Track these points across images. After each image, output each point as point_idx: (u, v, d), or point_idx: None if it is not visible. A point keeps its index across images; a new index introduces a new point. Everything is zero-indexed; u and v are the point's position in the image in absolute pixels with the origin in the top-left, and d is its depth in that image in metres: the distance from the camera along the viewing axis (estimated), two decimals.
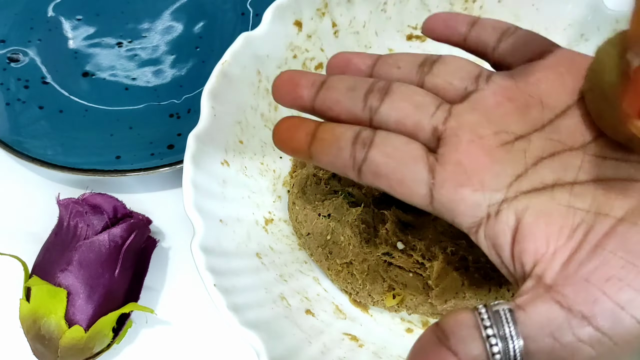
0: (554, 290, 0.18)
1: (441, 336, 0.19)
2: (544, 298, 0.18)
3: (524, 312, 0.18)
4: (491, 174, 0.21)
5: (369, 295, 0.33)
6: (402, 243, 0.32)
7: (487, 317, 0.18)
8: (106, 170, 0.38)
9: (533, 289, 0.19)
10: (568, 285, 0.18)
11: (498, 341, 0.18)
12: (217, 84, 0.33)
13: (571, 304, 0.18)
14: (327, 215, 0.34)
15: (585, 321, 0.18)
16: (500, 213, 0.21)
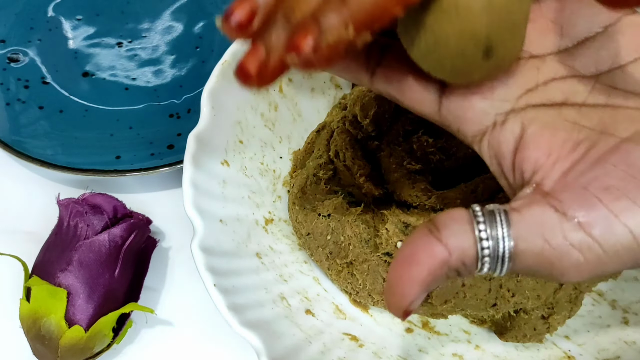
0: (551, 196, 0.19)
1: (433, 229, 0.19)
2: (540, 202, 0.19)
3: (519, 214, 0.18)
4: (502, 84, 0.21)
5: (369, 295, 0.33)
6: (402, 243, 0.32)
7: (481, 215, 0.19)
8: (106, 170, 0.38)
9: (530, 194, 0.19)
10: (566, 192, 0.18)
11: (489, 238, 0.18)
12: (217, 84, 0.33)
13: (566, 208, 0.18)
14: (327, 215, 0.34)
15: (578, 226, 0.18)
16: (506, 122, 0.21)
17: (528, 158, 0.20)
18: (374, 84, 0.23)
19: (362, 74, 0.23)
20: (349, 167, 0.33)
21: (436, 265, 0.19)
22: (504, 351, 0.33)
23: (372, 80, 0.23)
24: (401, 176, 0.33)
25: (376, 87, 0.23)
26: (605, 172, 0.18)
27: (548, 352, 0.32)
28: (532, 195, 0.19)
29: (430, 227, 0.19)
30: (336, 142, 0.34)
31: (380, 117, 0.33)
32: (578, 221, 0.18)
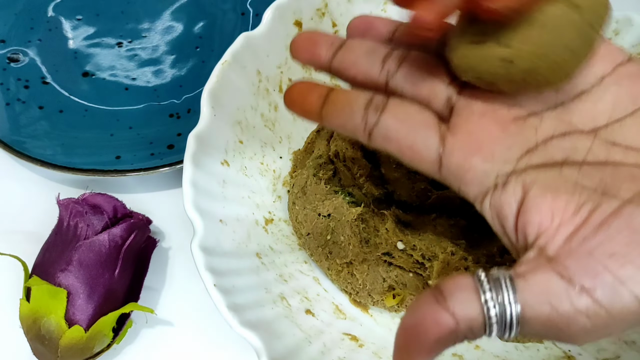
0: (556, 261, 0.19)
1: (439, 297, 0.19)
2: (545, 268, 0.19)
3: (524, 280, 0.19)
4: (502, 145, 0.21)
5: (369, 295, 0.33)
6: (402, 243, 0.32)
7: (487, 282, 0.19)
8: (106, 170, 0.38)
9: (534, 259, 0.19)
10: (570, 258, 0.19)
11: (496, 305, 0.18)
12: (217, 84, 0.33)
13: (572, 275, 0.18)
14: (327, 215, 0.34)
15: (585, 293, 0.18)
16: (507, 184, 0.21)
17: (531, 222, 0.20)
18: (371, 143, 0.23)
19: (359, 134, 0.23)
20: (349, 167, 0.33)
21: (444, 334, 0.19)
22: (504, 351, 0.33)
23: (370, 140, 0.23)
24: (401, 176, 0.33)
25: (374, 145, 0.23)
26: (609, 238, 0.18)
27: (548, 352, 0.32)
28: (536, 260, 0.19)
29: (436, 294, 0.19)
30: (336, 142, 0.34)
31: None
32: (585, 288, 0.18)
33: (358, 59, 0.25)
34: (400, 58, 0.24)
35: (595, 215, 0.19)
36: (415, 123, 0.22)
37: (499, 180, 0.21)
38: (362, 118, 0.23)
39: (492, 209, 0.21)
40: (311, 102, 0.24)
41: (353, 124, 0.23)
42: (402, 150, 0.22)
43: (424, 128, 0.22)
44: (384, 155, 0.33)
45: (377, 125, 0.23)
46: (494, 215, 0.21)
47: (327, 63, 0.25)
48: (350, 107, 0.23)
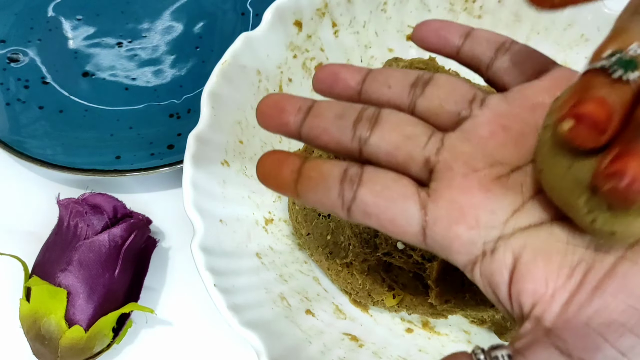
0: (554, 334, 0.18)
1: None
2: (544, 343, 0.18)
3: (524, 358, 0.18)
4: (486, 210, 0.20)
5: (369, 295, 0.33)
6: (402, 243, 0.32)
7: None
8: (106, 170, 0.38)
9: (532, 332, 0.19)
10: (568, 330, 0.18)
11: None
12: (217, 84, 0.33)
13: (571, 349, 0.18)
14: (327, 215, 0.34)
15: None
16: (496, 251, 0.20)
17: (525, 291, 0.19)
18: (351, 218, 0.22)
19: (338, 211, 0.22)
20: None
21: None
22: None
23: (349, 216, 0.22)
24: None
25: (354, 220, 0.22)
26: (605, 305, 0.18)
27: None
28: (534, 332, 0.19)
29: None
30: None
31: None
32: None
33: (328, 126, 0.23)
34: (371, 120, 0.22)
35: (589, 277, 0.19)
36: (393, 195, 0.21)
37: (487, 247, 0.20)
38: (339, 194, 0.21)
39: (483, 278, 0.20)
40: (284, 177, 0.22)
41: (330, 202, 0.22)
42: (383, 225, 0.21)
43: (402, 200, 0.21)
44: None
45: (355, 201, 0.21)
46: (485, 284, 0.21)
47: (296, 131, 0.24)
48: (325, 182, 0.22)
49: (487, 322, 0.34)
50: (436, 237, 0.21)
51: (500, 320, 0.33)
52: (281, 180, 0.22)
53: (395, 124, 0.22)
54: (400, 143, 0.22)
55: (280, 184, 0.22)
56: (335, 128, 0.23)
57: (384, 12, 0.40)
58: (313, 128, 0.23)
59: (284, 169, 0.22)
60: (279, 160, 0.23)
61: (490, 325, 0.34)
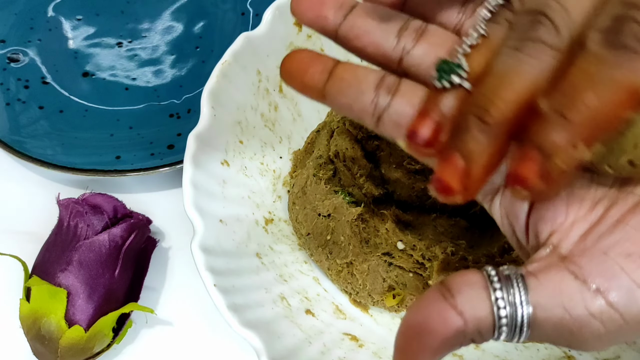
0: (570, 260, 0.18)
1: (446, 294, 0.18)
2: (558, 267, 0.18)
3: (536, 279, 0.18)
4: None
5: (369, 295, 0.33)
6: (402, 243, 0.32)
7: (497, 280, 0.17)
8: (106, 170, 0.38)
9: (547, 257, 0.18)
10: (585, 257, 0.18)
11: (507, 305, 0.17)
12: (217, 84, 0.33)
13: (587, 276, 0.17)
14: (327, 215, 0.34)
15: (599, 295, 0.17)
16: None
17: (544, 218, 0.19)
18: (379, 128, 0.21)
19: (366, 117, 0.21)
20: (349, 167, 0.33)
21: (450, 334, 0.17)
22: (504, 351, 0.33)
23: (378, 125, 0.21)
24: (401, 176, 0.33)
25: (381, 131, 0.21)
26: (626, 237, 0.18)
27: (548, 352, 0.32)
28: (549, 258, 0.18)
29: (443, 291, 0.18)
30: (336, 142, 0.34)
31: None
32: (599, 290, 0.17)
33: (371, 28, 0.22)
34: (417, 32, 0.21)
35: (611, 212, 0.18)
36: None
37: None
38: (372, 100, 0.21)
39: (502, 208, 0.20)
40: (313, 76, 0.21)
41: (361, 106, 0.21)
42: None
43: None
44: (384, 155, 0.33)
45: (388, 110, 0.21)
46: (503, 214, 0.20)
47: (334, 27, 0.22)
48: (359, 85, 0.21)
49: None
50: None
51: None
52: (309, 79, 0.21)
53: (443, 40, 0.21)
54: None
55: (307, 84, 0.21)
56: (378, 31, 0.22)
57: None
58: (354, 27, 0.22)
59: (314, 67, 0.21)
60: (310, 58, 0.21)
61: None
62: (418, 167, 0.32)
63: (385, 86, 0.21)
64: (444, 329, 0.17)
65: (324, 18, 0.22)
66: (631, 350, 0.32)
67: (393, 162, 0.33)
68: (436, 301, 0.18)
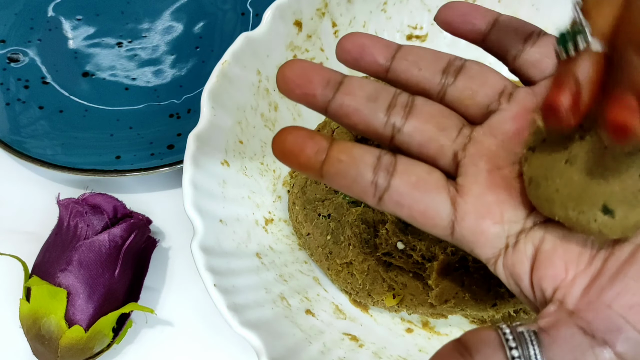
0: (577, 315, 0.19)
1: (464, 352, 0.19)
2: (568, 323, 0.19)
3: (549, 336, 0.18)
4: (510, 206, 0.21)
5: (369, 295, 0.33)
6: (402, 243, 0.32)
7: (512, 338, 0.18)
8: (106, 170, 0.38)
9: (555, 312, 0.19)
10: (590, 312, 0.19)
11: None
12: (217, 84, 0.33)
13: (594, 330, 0.18)
14: (327, 215, 0.34)
15: (608, 348, 0.18)
16: (518, 243, 0.21)
17: (546, 276, 0.20)
18: (381, 207, 0.22)
19: (368, 198, 0.22)
20: None
21: None
22: None
23: (379, 204, 0.22)
24: None
25: (383, 209, 0.22)
26: (627, 289, 0.18)
27: None
28: (557, 313, 0.19)
29: (460, 350, 0.19)
30: None
31: None
32: (607, 344, 0.18)
33: (359, 107, 0.22)
34: (405, 108, 0.22)
35: (609, 263, 0.19)
36: (427, 187, 0.21)
37: (510, 241, 0.21)
38: (372, 182, 0.21)
39: (506, 270, 0.21)
40: (309, 158, 0.21)
41: (361, 188, 0.21)
42: (413, 216, 0.22)
43: (436, 192, 0.21)
44: None
45: (388, 191, 0.21)
46: (508, 275, 0.21)
47: (323, 105, 0.23)
48: (357, 167, 0.21)
49: (487, 322, 0.34)
50: (463, 232, 0.21)
51: (500, 320, 0.33)
52: (304, 160, 0.21)
53: (430, 115, 0.22)
54: (433, 135, 0.22)
55: (303, 164, 0.22)
56: (367, 110, 0.22)
57: (384, 12, 0.40)
58: (343, 106, 0.23)
59: (308, 147, 0.21)
60: (303, 137, 0.22)
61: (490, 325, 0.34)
62: None
63: (383, 167, 0.21)
64: None
65: (312, 96, 0.23)
66: None
67: None
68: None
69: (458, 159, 0.22)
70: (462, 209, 0.21)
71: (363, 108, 0.22)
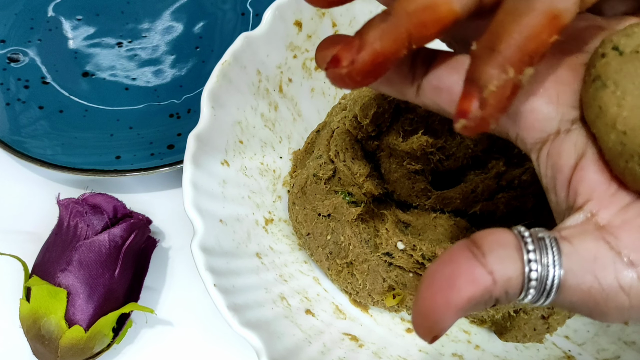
0: (607, 231, 0.18)
1: (476, 251, 0.17)
2: (594, 236, 0.18)
3: (570, 245, 0.17)
4: (570, 89, 0.20)
5: (369, 295, 0.33)
6: (402, 243, 0.32)
7: (531, 242, 0.17)
8: (106, 170, 0.38)
9: (582, 224, 0.18)
10: (624, 230, 0.18)
11: (538, 266, 0.17)
12: (217, 84, 0.33)
13: (622, 248, 0.17)
14: (327, 215, 0.34)
15: (632, 269, 0.17)
16: (570, 132, 0.19)
17: (586, 180, 0.19)
18: (420, 98, 0.21)
19: (407, 88, 0.21)
20: (349, 167, 0.33)
21: (478, 293, 0.17)
22: (504, 351, 0.33)
23: (418, 94, 0.21)
24: (401, 176, 0.33)
25: (423, 100, 0.21)
26: None
27: (548, 352, 0.32)
28: (584, 225, 0.18)
29: (472, 248, 0.17)
30: (336, 142, 0.34)
31: (380, 117, 0.33)
32: (633, 264, 0.17)
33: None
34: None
35: None
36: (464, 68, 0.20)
37: (562, 126, 0.19)
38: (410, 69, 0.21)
39: (549, 159, 0.20)
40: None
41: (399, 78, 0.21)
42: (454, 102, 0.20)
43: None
44: (384, 155, 0.33)
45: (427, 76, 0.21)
46: (549, 165, 0.20)
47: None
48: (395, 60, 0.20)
49: (487, 322, 0.34)
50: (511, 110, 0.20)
51: (500, 320, 0.33)
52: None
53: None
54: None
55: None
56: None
57: None
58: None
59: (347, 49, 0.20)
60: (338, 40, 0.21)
61: (490, 325, 0.34)
62: (418, 167, 0.32)
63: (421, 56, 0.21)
64: (472, 287, 0.17)
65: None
66: (631, 350, 0.32)
67: (393, 162, 0.33)
68: (465, 258, 0.17)
69: None
70: None
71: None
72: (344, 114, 0.35)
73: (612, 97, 0.18)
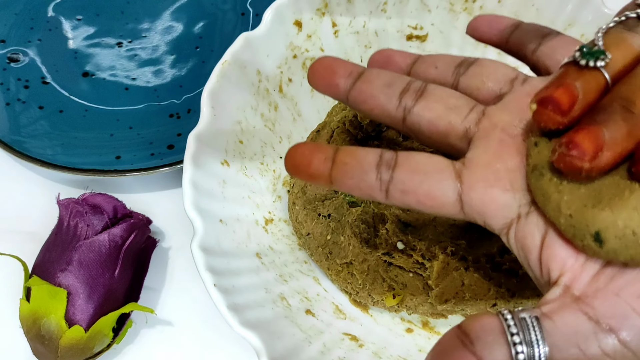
0: (583, 301, 0.19)
1: (465, 340, 0.18)
2: (572, 308, 0.19)
3: (551, 321, 0.18)
4: (521, 175, 0.21)
5: (369, 295, 0.33)
6: (402, 243, 0.32)
7: (514, 324, 0.18)
8: (106, 170, 0.38)
9: (560, 298, 0.19)
10: (598, 299, 0.18)
11: (524, 347, 0.18)
12: (217, 84, 0.33)
13: (599, 316, 0.18)
14: (327, 215, 0.34)
15: (613, 335, 0.18)
16: (530, 214, 0.21)
17: (554, 257, 0.20)
18: (389, 200, 0.22)
19: (375, 193, 0.22)
20: None
21: None
22: None
23: (387, 197, 0.22)
24: None
25: (392, 202, 0.22)
26: (637, 278, 0.18)
27: None
28: (562, 298, 0.19)
29: (461, 337, 0.19)
30: (336, 142, 0.34)
31: None
32: (612, 330, 0.18)
33: (376, 93, 0.24)
34: (417, 92, 0.24)
35: None
36: (427, 169, 0.22)
37: (522, 210, 0.21)
38: (377, 177, 0.22)
39: (517, 241, 0.21)
40: (318, 166, 0.23)
41: (368, 185, 0.22)
42: (420, 201, 0.22)
43: (437, 172, 0.22)
44: None
45: (392, 182, 0.22)
46: (518, 247, 0.21)
47: (344, 93, 0.25)
48: (361, 167, 0.22)
49: None
50: (472, 203, 0.21)
51: None
52: (314, 170, 0.23)
53: (440, 96, 0.23)
54: (442, 113, 0.23)
55: (312, 174, 0.23)
56: (382, 95, 0.24)
57: (384, 12, 0.40)
58: (361, 93, 0.24)
59: (315, 158, 0.23)
60: (310, 150, 0.23)
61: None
62: None
63: (385, 162, 0.22)
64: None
65: (335, 86, 0.25)
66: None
67: None
68: (457, 349, 0.18)
69: (470, 134, 0.22)
70: (468, 180, 0.21)
71: (379, 93, 0.24)
72: (344, 114, 0.35)
73: (551, 185, 0.19)
